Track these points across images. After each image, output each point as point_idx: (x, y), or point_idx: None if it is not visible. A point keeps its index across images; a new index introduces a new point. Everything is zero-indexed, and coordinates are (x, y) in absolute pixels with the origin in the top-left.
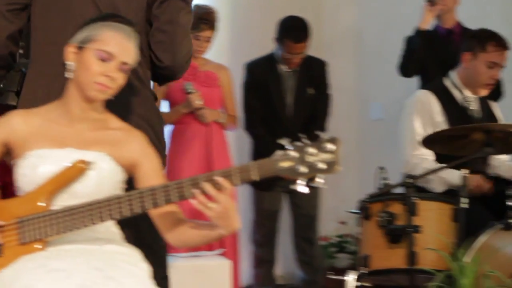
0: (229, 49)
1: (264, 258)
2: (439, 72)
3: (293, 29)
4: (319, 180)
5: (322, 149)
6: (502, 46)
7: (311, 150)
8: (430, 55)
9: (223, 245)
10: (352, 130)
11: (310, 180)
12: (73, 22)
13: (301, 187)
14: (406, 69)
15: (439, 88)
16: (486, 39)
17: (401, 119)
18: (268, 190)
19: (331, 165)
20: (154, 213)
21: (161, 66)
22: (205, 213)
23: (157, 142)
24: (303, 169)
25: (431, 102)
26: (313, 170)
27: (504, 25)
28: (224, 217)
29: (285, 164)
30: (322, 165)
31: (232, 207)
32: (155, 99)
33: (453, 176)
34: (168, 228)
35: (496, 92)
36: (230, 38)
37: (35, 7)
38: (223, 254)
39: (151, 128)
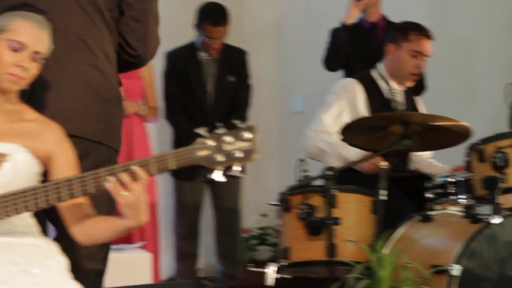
0: None
1: (187, 251)
2: (362, 65)
3: (212, 13)
4: (236, 169)
5: (239, 138)
6: (424, 34)
7: (228, 138)
8: (354, 49)
9: (144, 238)
10: (273, 123)
11: (227, 169)
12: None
13: (218, 176)
14: (330, 62)
15: (365, 78)
16: (408, 29)
17: (322, 102)
18: (189, 179)
19: (248, 153)
20: (62, 206)
21: (132, 54)
22: (117, 200)
23: (117, 129)
24: (220, 157)
25: (356, 90)
26: (230, 159)
27: (426, 20)
28: (134, 207)
29: (202, 153)
30: (239, 154)
31: (143, 199)
32: (119, 84)
33: (350, 152)
34: (74, 221)
35: (419, 86)
36: None
37: None
38: (143, 247)
39: (116, 115)
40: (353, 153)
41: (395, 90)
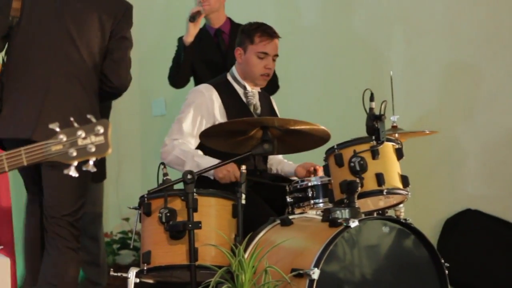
0: None
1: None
2: (210, 72)
3: None
4: (91, 163)
5: (92, 132)
6: (268, 35)
7: (81, 133)
8: (200, 56)
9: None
10: (134, 126)
11: (83, 164)
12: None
13: (73, 171)
14: (173, 81)
15: (221, 83)
16: (252, 31)
17: (180, 110)
18: None
19: (100, 147)
20: None
21: (112, 86)
22: None
23: None
24: (73, 152)
25: (212, 96)
26: (83, 154)
27: (278, 25)
28: None
29: (55, 148)
30: (91, 148)
31: None
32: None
33: (205, 161)
34: None
35: (272, 86)
36: None
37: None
38: (1, 251)
39: None
40: (208, 162)
41: (251, 93)
